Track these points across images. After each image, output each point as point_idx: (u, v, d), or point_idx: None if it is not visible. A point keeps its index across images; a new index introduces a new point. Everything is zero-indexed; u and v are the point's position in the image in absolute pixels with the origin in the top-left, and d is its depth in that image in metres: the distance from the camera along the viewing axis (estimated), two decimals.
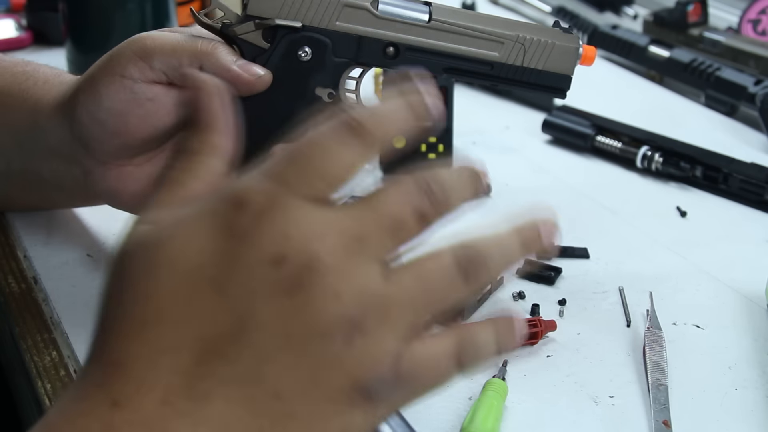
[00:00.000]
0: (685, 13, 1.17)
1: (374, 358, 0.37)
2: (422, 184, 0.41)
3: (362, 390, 0.37)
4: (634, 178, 0.87)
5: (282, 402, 0.36)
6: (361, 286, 0.37)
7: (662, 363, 0.59)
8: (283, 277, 0.36)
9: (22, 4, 1.20)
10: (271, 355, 0.36)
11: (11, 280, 0.69)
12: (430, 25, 0.61)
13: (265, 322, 0.36)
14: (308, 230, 0.37)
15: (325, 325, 0.36)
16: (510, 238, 0.42)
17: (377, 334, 0.37)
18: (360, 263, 0.37)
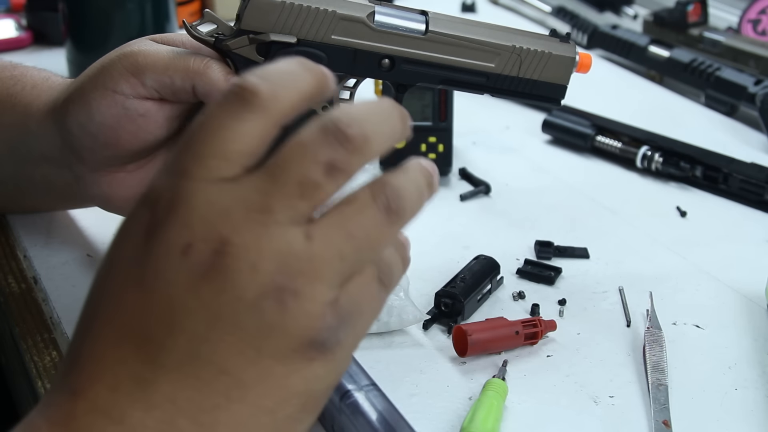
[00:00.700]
0: (685, 13, 1.17)
1: (313, 313, 0.38)
2: (329, 129, 0.39)
3: (313, 344, 0.38)
4: (634, 178, 0.87)
5: (230, 376, 0.38)
6: (278, 253, 0.37)
7: (662, 363, 0.59)
8: (195, 265, 0.37)
9: (22, 4, 1.20)
10: (205, 337, 0.37)
11: (11, 280, 0.69)
12: (426, 37, 0.60)
13: (190, 308, 0.37)
14: (209, 215, 0.37)
15: (251, 298, 0.37)
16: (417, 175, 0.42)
17: (310, 291, 0.38)
18: (272, 232, 0.37)
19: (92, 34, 0.99)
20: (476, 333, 0.59)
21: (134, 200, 0.40)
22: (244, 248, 0.37)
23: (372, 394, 0.50)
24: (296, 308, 0.38)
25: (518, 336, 0.61)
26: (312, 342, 0.38)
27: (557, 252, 0.73)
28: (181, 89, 0.58)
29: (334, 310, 0.39)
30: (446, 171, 0.84)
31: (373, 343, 0.61)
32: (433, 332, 0.63)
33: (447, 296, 0.64)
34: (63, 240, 0.72)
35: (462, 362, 0.60)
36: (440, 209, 0.80)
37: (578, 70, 0.63)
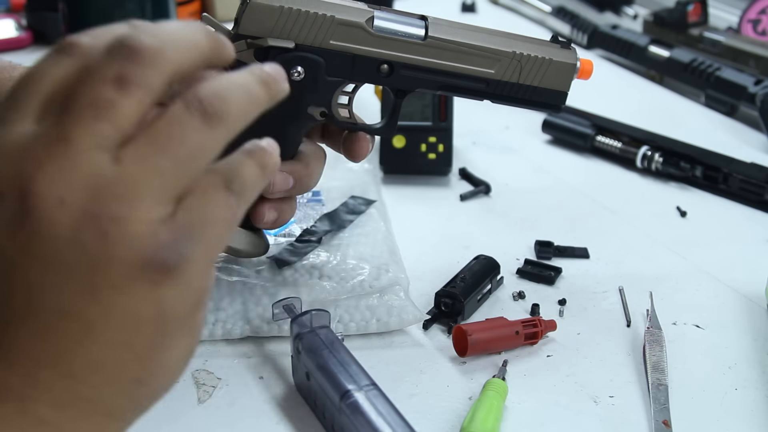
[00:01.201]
0: (685, 13, 1.17)
1: (140, 234, 0.36)
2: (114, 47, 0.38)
3: (150, 266, 0.37)
4: (634, 178, 0.87)
5: (72, 317, 0.37)
6: (86, 181, 0.36)
7: (662, 363, 0.59)
8: (8, 212, 0.36)
9: (22, 4, 1.20)
10: (37, 284, 0.36)
11: None
12: (425, 43, 0.59)
13: (14, 259, 0.36)
14: (12, 155, 0.36)
15: (67, 235, 0.36)
16: (245, 75, 0.40)
17: (130, 213, 0.36)
18: (75, 161, 0.36)
19: None
20: (476, 333, 0.59)
21: None
22: (48, 183, 0.36)
23: (372, 394, 0.50)
24: (118, 233, 0.36)
25: (518, 336, 0.61)
26: (147, 263, 0.37)
27: (557, 252, 0.73)
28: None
29: (169, 226, 0.37)
30: (446, 171, 0.84)
31: (373, 343, 0.61)
32: (433, 332, 0.63)
33: (447, 296, 0.64)
34: None
35: (462, 362, 0.60)
36: (440, 209, 0.80)
37: (579, 76, 0.62)
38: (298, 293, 0.62)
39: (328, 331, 0.55)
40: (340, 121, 0.60)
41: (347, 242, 0.68)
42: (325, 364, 0.53)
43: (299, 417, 0.54)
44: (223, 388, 0.57)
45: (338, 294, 0.62)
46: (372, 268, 0.65)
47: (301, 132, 0.60)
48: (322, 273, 0.64)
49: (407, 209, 0.79)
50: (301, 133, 0.60)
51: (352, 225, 0.71)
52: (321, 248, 0.67)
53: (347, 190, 0.76)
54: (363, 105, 0.99)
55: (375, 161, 0.84)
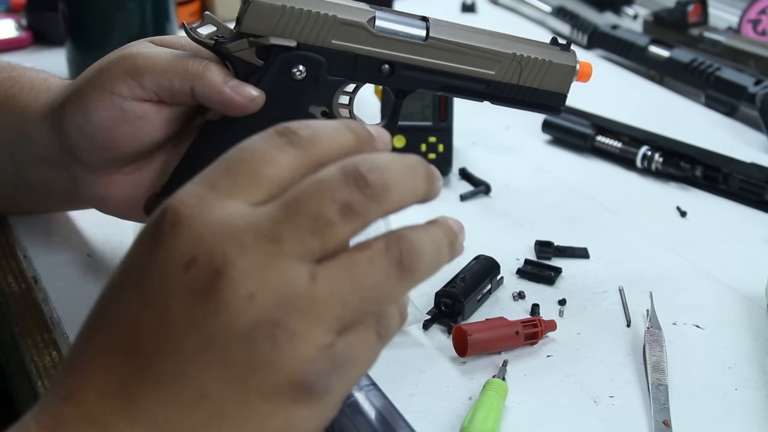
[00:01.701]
0: (685, 13, 1.17)
1: (306, 355, 0.37)
2: (349, 171, 0.38)
3: (301, 387, 0.37)
4: (634, 178, 0.87)
5: (211, 403, 0.37)
6: (280, 287, 0.36)
7: (662, 363, 0.59)
8: (195, 280, 0.36)
9: (22, 4, 1.20)
10: (191, 357, 0.37)
11: (11, 280, 0.69)
12: (426, 43, 0.59)
13: (182, 324, 0.37)
14: (221, 232, 0.37)
15: (243, 328, 0.36)
16: (438, 233, 0.42)
17: (307, 333, 0.37)
18: (277, 264, 0.37)
19: (92, 34, 0.99)
20: (476, 333, 0.59)
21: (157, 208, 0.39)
22: (244, 274, 0.36)
23: (372, 394, 0.50)
24: (289, 348, 0.37)
25: (518, 336, 0.61)
26: (300, 384, 0.37)
27: (557, 252, 0.73)
28: (180, 92, 0.58)
29: (328, 356, 0.37)
30: (446, 171, 0.84)
31: None
32: (433, 332, 0.63)
33: (447, 296, 0.64)
34: (63, 240, 0.72)
35: (462, 362, 0.60)
36: (440, 209, 0.80)
37: (578, 78, 0.62)
38: None
39: None
40: None
41: None
42: None
43: None
44: None
45: None
46: None
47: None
48: None
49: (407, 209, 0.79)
50: None
51: None
52: None
53: None
54: (363, 105, 0.99)
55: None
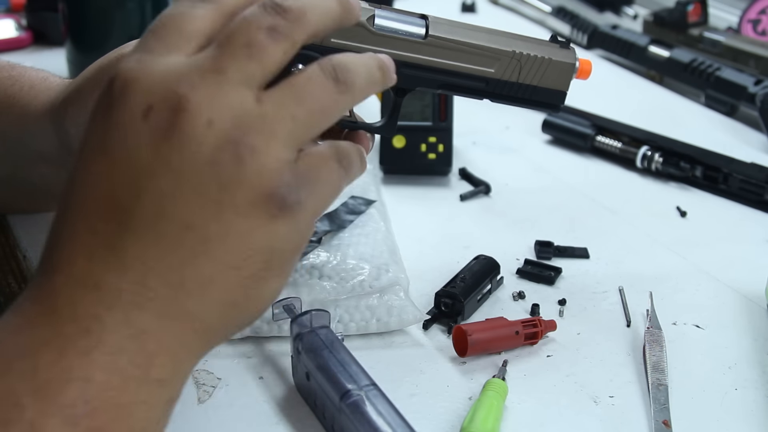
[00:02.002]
0: (685, 13, 1.17)
1: (270, 167, 0.41)
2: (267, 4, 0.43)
3: (271, 198, 0.41)
4: (634, 178, 0.87)
5: (194, 230, 0.40)
6: (233, 109, 0.41)
7: (662, 363, 0.59)
8: (156, 124, 0.40)
9: (22, 4, 1.20)
10: (169, 194, 0.40)
11: (11, 280, 0.69)
12: (426, 42, 0.59)
13: (153, 168, 0.40)
14: (169, 79, 0.41)
15: (208, 152, 0.40)
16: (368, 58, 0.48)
17: (265, 147, 0.41)
18: (226, 90, 0.41)
19: (92, 34, 0.99)
20: (476, 333, 0.59)
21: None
22: (199, 104, 0.40)
23: (372, 394, 0.50)
24: (253, 162, 0.41)
25: (518, 336, 0.61)
26: (271, 196, 0.41)
27: (557, 252, 0.73)
28: None
29: (291, 169, 0.42)
30: (446, 171, 0.84)
31: (373, 343, 0.61)
32: (433, 332, 0.63)
33: (447, 296, 0.64)
34: None
35: (462, 362, 0.60)
36: (440, 209, 0.80)
37: (578, 76, 0.62)
38: (298, 293, 0.62)
39: (328, 331, 0.55)
40: (340, 120, 0.60)
41: (347, 242, 0.68)
42: (325, 364, 0.53)
43: (299, 417, 0.54)
44: (223, 388, 0.57)
45: (338, 294, 0.62)
46: (372, 268, 0.65)
47: None
48: (322, 273, 0.64)
49: (407, 209, 0.79)
50: None
51: (352, 225, 0.71)
52: (321, 248, 0.67)
53: (347, 190, 0.76)
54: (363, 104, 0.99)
55: (375, 161, 0.84)
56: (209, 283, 0.41)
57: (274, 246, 0.42)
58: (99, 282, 0.40)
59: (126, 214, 0.40)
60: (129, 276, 0.40)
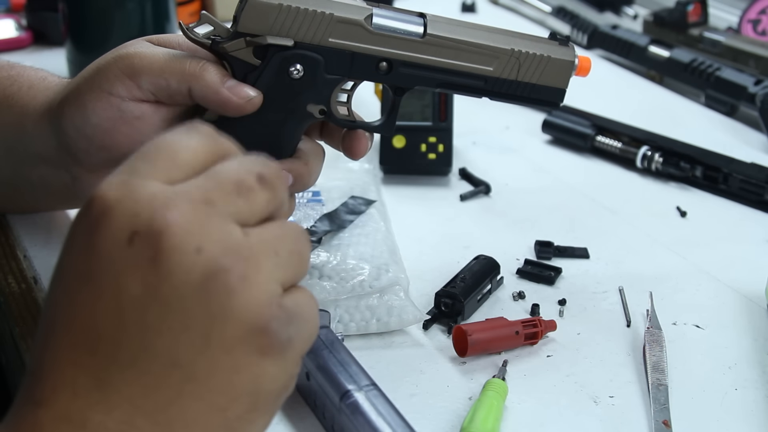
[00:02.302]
0: (685, 13, 1.17)
1: (261, 299, 0.39)
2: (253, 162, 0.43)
3: (262, 333, 0.39)
4: (634, 178, 0.87)
5: (180, 369, 0.38)
6: (222, 239, 0.39)
7: (662, 363, 0.59)
8: (141, 251, 0.38)
9: (22, 4, 1.20)
10: (154, 327, 0.38)
11: (11, 280, 0.69)
12: (424, 40, 0.59)
13: (138, 298, 0.38)
14: (154, 202, 0.39)
15: (197, 280, 0.38)
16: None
17: (255, 277, 0.39)
18: (214, 221, 0.39)
19: (92, 34, 0.99)
20: (476, 333, 0.59)
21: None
22: (187, 230, 0.38)
23: (372, 394, 0.50)
24: (244, 292, 0.39)
25: (518, 336, 0.61)
26: (262, 330, 0.39)
27: (557, 252, 0.73)
28: (177, 92, 0.58)
29: (281, 305, 0.40)
30: (446, 171, 0.84)
31: (373, 343, 0.61)
32: (433, 332, 0.63)
33: (447, 296, 0.64)
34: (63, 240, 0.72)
35: (462, 362, 0.60)
36: (440, 209, 0.80)
37: (577, 73, 0.62)
38: None
39: (328, 331, 0.55)
40: (339, 119, 0.60)
41: (347, 242, 0.68)
42: (325, 364, 0.53)
43: (299, 417, 0.54)
44: None
45: (338, 294, 0.62)
46: (372, 268, 0.65)
47: (300, 130, 0.60)
48: (322, 273, 0.64)
49: (407, 209, 0.79)
50: (300, 131, 0.60)
51: (352, 225, 0.71)
52: (321, 248, 0.67)
53: (347, 190, 0.76)
54: (363, 104, 0.99)
55: (375, 161, 0.84)
56: (193, 424, 0.39)
57: (261, 387, 0.40)
58: (85, 420, 0.38)
59: (111, 347, 0.38)
60: (116, 415, 0.38)
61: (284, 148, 0.59)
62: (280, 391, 0.41)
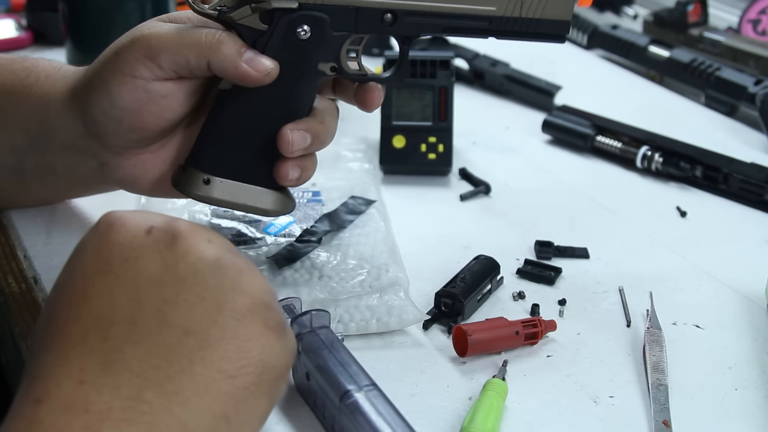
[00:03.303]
0: (685, 13, 1.17)
1: (263, 282, 0.44)
2: None
3: (267, 307, 0.43)
4: (634, 178, 0.87)
5: (194, 336, 0.41)
6: (225, 242, 0.45)
7: (662, 363, 0.59)
8: (159, 237, 0.43)
9: (22, 4, 1.20)
10: (171, 300, 0.41)
11: (11, 280, 0.69)
12: None
13: (156, 276, 0.42)
14: (164, 216, 0.45)
15: (211, 258, 0.43)
16: None
17: (257, 270, 0.45)
18: (209, 230, 0.45)
19: (92, 34, 0.99)
20: (476, 333, 0.59)
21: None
22: (196, 231, 0.44)
23: (372, 394, 0.50)
24: (251, 272, 0.44)
25: (518, 336, 0.61)
26: (267, 305, 0.43)
27: (557, 252, 0.73)
28: (197, 67, 0.59)
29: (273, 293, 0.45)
30: (446, 171, 0.84)
31: (373, 343, 0.61)
32: (433, 332, 0.63)
33: (447, 296, 0.64)
34: (63, 240, 0.72)
35: (462, 362, 0.60)
36: (440, 209, 0.80)
37: (580, 3, 0.62)
38: (298, 293, 0.62)
39: (328, 331, 0.55)
40: (351, 74, 0.61)
41: (347, 242, 0.68)
42: (325, 364, 0.53)
43: (299, 417, 0.54)
44: None
45: (338, 294, 0.62)
46: (372, 268, 0.65)
47: (313, 89, 0.61)
48: (322, 273, 0.64)
49: (407, 209, 0.79)
50: (314, 90, 0.61)
51: (352, 225, 0.71)
52: (321, 248, 0.67)
53: (347, 190, 0.76)
54: None
55: (375, 161, 0.84)
56: (204, 391, 0.40)
57: (267, 361, 0.43)
58: (88, 405, 0.38)
59: (126, 327, 0.41)
60: (123, 392, 0.39)
61: (299, 108, 0.61)
62: (282, 370, 0.44)
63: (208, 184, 0.60)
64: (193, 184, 0.61)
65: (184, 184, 0.61)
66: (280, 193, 0.62)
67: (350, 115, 0.98)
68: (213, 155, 0.61)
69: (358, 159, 0.84)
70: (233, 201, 0.61)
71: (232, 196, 0.61)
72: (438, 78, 0.84)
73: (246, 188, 0.61)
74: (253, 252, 0.67)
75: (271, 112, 0.60)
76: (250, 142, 0.60)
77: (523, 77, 1.04)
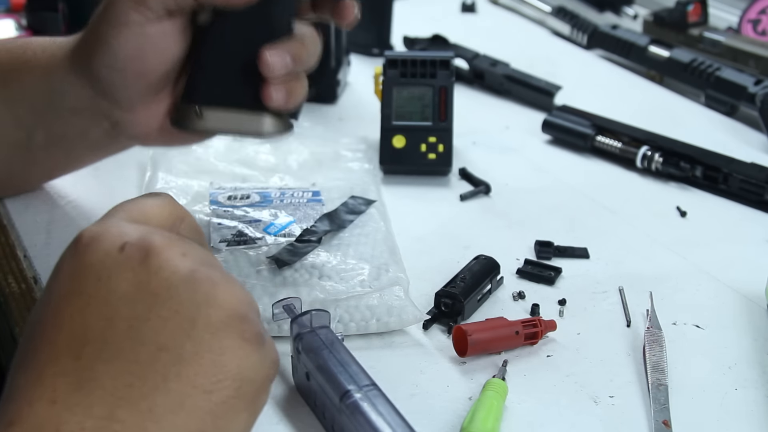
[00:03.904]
0: (685, 13, 1.17)
1: (239, 293, 0.43)
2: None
3: (242, 319, 0.42)
4: (634, 178, 0.87)
5: (167, 352, 0.40)
6: (200, 254, 0.44)
7: (662, 363, 0.59)
8: (132, 254, 0.42)
9: (22, 4, 1.20)
10: (143, 316, 0.41)
11: (11, 280, 0.69)
12: None
13: (128, 293, 0.41)
14: (140, 230, 0.44)
15: (184, 273, 0.42)
16: None
17: (232, 279, 0.44)
18: (190, 242, 0.45)
19: None
20: (476, 333, 0.59)
21: None
22: (172, 245, 0.43)
23: (372, 394, 0.50)
24: (227, 285, 0.43)
25: (518, 336, 0.61)
26: (243, 317, 0.42)
27: (557, 252, 0.73)
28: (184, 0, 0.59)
29: (252, 305, 0.45)
30: (446, 171, 0.84)
31: (373, 343, 0.61)
32: (433, 332, 0.63)
33: (447, 296, 0.64)
34: (63, 240, 0.71)
35: (462, 362, 0.60)
36: (440, 209, 0.80)
37: None
38: (298, 293, 0.62)
39: (328, 331, 0.55)
40: None
41: (347, 242, 0.68)
42: (324, 364, 0.53)
43: (299, 417, 0.54)
44: None
45: (338, 294, 0.62)
46: (372, 268, 0.65)
47: (289, 10, 0.61)
48: (322, 273, 0.64)
49: (407, 209, 0.79)
50: (290, 12, 0.62)
51: (352, 225, 0.71)
52: (321, 248, 0.67)
53: (347, 190, 0.76)
54: (362, 105, 0.99)
55: (375, 161, 0.84)
56: (179, 408, 0.40)
57: (245, 374, 0.42)
58: (60, 425, 0.38)
59: (98, 346, 0.40)
60: (95, 411, 0.39)
61: (278, 29, 0.61)
62: (262, 382, 0.43)
63: (201, 117, 0.61)
64: (188, 118, 0.62)
65: (180, 120, 0.62)
66: (273, 115, 0.62)
67: (350, 115, 0.98)
68: (201, 87, 0.62)
69: (358, 159, 0.84)
70: (228, 128, 0.62)
71: (226, 123, 0.62)
72: (438, 78, 0.84)
73: (238, 115, 0.62)
74: (253, 252, 0.67)
75: (250, 37, 0.60)
76: (235, 68, 0.61)
77: (523, 77, 1.04)
